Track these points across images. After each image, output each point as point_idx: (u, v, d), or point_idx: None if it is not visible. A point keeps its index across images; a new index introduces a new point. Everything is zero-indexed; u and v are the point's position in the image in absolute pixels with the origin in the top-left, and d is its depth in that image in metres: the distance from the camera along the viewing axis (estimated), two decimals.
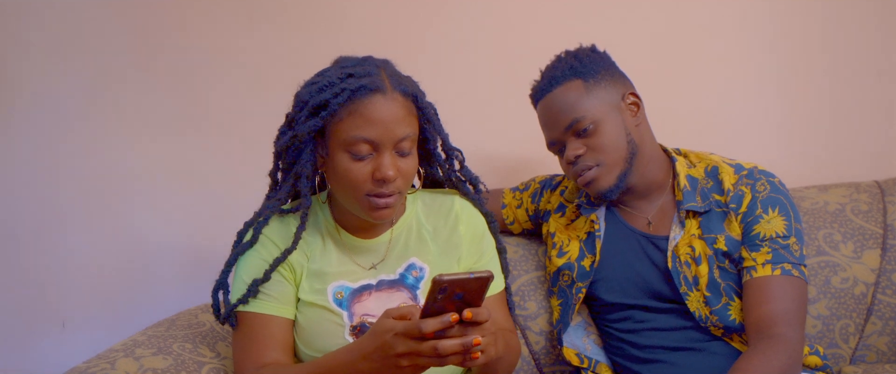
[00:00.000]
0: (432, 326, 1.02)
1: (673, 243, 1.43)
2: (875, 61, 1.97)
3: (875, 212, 1.72)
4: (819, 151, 1.97)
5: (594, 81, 1.44)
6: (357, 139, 1.19)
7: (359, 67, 1.22)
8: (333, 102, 1.19)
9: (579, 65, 1.45)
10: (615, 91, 1.45)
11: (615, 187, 1.44)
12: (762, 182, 1.42)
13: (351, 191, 1.22)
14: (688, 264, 1.42)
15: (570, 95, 1.43)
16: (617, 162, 1.43)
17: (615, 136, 1.43)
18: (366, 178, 1.20)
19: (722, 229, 1.41)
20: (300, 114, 1.23)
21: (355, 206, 1.25)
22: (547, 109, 1.47)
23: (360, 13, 1.87)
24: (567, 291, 1.54)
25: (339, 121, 1.20)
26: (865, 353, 1.65)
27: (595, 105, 1.42)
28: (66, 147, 1.81)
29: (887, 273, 1.65)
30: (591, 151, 1.43)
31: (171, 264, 1.83)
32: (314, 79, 1.25)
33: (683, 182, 1.46)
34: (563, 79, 1.45)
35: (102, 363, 1.26)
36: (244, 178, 1.47)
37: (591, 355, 1.53)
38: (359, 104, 1.19)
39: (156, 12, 1.82)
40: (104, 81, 1.82)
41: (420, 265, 1.32)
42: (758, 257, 1.37)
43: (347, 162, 1.20)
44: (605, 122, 1.42)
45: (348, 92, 1.18)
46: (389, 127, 1.19)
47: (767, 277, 1.35)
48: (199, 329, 1.45)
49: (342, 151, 1.20)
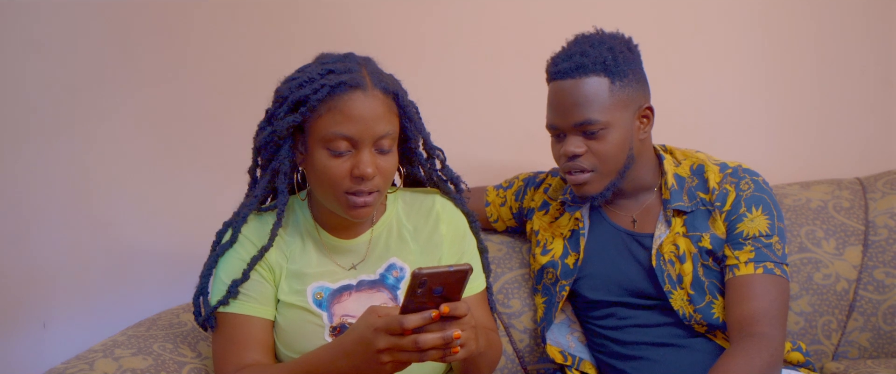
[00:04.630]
0: (413, 322, 1.02)
1: (658, 242, 1.43)
2: (858, 59, 1.98)
3: (857, 209, 1.72)
4: (802, 149, 1.98)
5: (621, 84, 1.38)
6: (336, 135, 1.18)
7: (339, 64, 1.22)
8: (313, 98, 1.18)
9: (612, 61, 1.38)
10: (635, 101, 1.41)
11: (601, 194, 1.44)
12: (746, 180, 1.42)
13: (329, 188, 1.22)
14: (672, 263, 1.42)
15: (592, 91, 1.37)
16: (611, 173, 1.42)
17: (618, 146, 1.40)
18: (344, 175, 1.20)
19: (707, 228, 1.42)
20: (279, 109, 1.22)
21: (334, 204, 1.24)
22: (563, 94, 1.39)
23: (345, 11, 1.86)
24: (551, 288, 1.54)
25: (318, 117, 1.19)
26: (848, 349, 1.66)
27: (611, 111, 1.38)
28: (46, 146, 1.79)
29: (869, 270, 1.66)
30: (590, 153, 1.40)
31: (152, 265, 1.82)
32: (294, 75, 1.25)
33: (671, 181, 1.46)
34: (591, 70, 1.37)
35: (81, 363, 1.25)
36: (226, 177, 1.46)
37: (575, 352, 1.53)
38: (338, 100, 1.18)
39: (137, 11, 1.80)
40: (85, 80, 1.80)
41: (400, 265, 1.32)
42: (741, 256, 1.37)
43: (326, 159, 1.20)
44: (615, 130, 1.39)
45: (328, 88, 1.18)
46: (369, 124, 1.18)
47: (750, 275, 1.36)
48: (180, 329, 1.44)
49: (321, 147, 1.20)
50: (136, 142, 1.81)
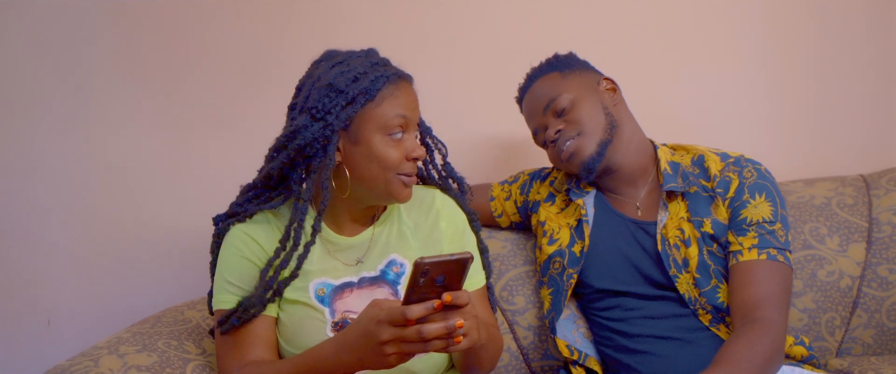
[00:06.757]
0: (417, 312, 1.02)
1: (660, 226, 1.45)
2: (861, 55, 1.97)
3: (860, 205, 1.72)
4: (805, 146, 1.97)
5: (569, 71, 1.54)
6: (397, 118, 1.23)
7: (378, 58, 1.28)
8: (373, 89, 1.22)
9: (556, 61, 1.57)
10: (591, 78, 1.54)
11: (597, 155, 1.47)
12: (749, 169, 1.45)
13: (385, 173, 1.24)
14: (677, 247, 1.43)
15: (546, 83, 1.54)
16: (596, 130, 1.48)
17: (592, 110, 1.49)
18: (400, 158, 1.24)
19: (708, 213, 1.43)
20: (333, 102, 1.21)
21: (385, 188, 1.25)
22: (528, 102, 1.57)
23: (350, 9, 1.86)
24: (558, 278, 1.54)
25: (376, 105, 1.23)
26: (851, 346, 1.66)
27: (571, 86, 1.51)
28: (50, 144, 1.80)
29: (872, 266, 1.66)
30: (570, 124, 1.49)
31: (156, 262, 1.82)
32: (343, 69, 1.24)
33: (664, 166, 1.49)
34: (541, 73, 1.56)
35: (86, 360, 1.26)
36: (231, 175, 1.46)
37: (581, 348, 1.54)
38: (395, 88, 1.24)
39: (145, 11, 1.81)
40: (90, 78, 1.81)
41: (401, 261, 1.32)
42: (744, 242, 1.39)
43: (385, 144, 1.23)
44: (582, 100, 1.49)
45: (384, 78, 1.23)
46: (415, 110, 1.28)
47: (753, 261, 1.37)
48: (184, 326, 1.44)
49: (379, 134, 1.23)
50: (141, 140, 1.82)
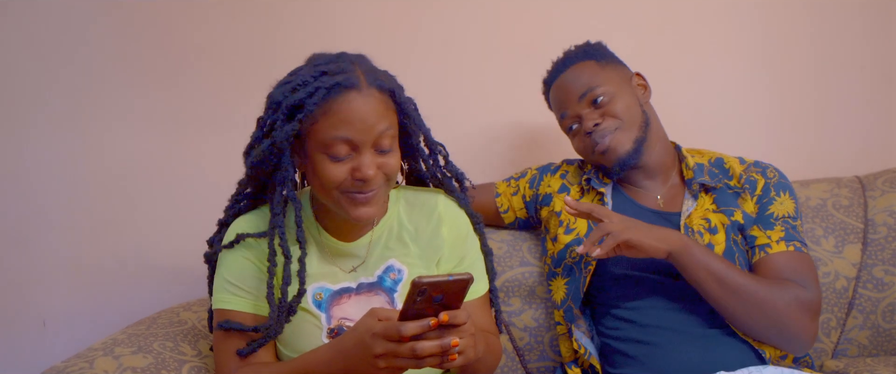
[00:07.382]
0: (412, 329, 1.01)
1: (686, 215, 1.46)
2: (858, 56, 1.98)
3: (856, 207, 1.72)
4: (801, 147, 1.98)
5: (606, 61, 1.54)
6: (335, 140, 1.14)
7: (332, 64, 1.17)
8: (309, 103, 1.13)
9: (591, 49, 1.56)
10: (625, 72, 1.56)
11: (633, 151, 1.49)
12: (771, 169, 1.52)
13: (331, 192, 1.19)
14: (701, 234, 1.44)
15: (584, 70, 1.53)
16: (633, 125, 1.50)
17: (630, 104, 1.50)
18: (345, 177, 1.17)
19: (737, 205, 1.48)
20: (275, 116, 1.17)
21: (337, 207, 1.21)
22: (561, 87, 1.55)
23: (344, 10, 1.86)
24: (575, 267, 1.52)
25: (314, 122, 1.15)
26: (847, 347, 1.66)
27: (609, 79, 1.51)
28: (45, 145, 1.79)
29: (868, 268, 1.66)
30: (608, 118, 1.49)
31: (152, 263, 1.82)
32: (287, 79, 1.20)
33: (691, 163, 1.53)
34: (576, 60, 1.55)
35: (81, 362, 1.26)
36: (226, 177, 1.46)
37: (584, 344, 1.52)
38: (334, 103, 1.14)
39: (142, 11, 1.80)
40: (87, 80, 1.80)
41: (399, 267, 1.30)
42: (772, 235, 1.43)
43: (326, 164, 1.16)
44: (620, 94, 1.50)
45: (323, 90, 1.13)
46: (367, 125, 1.15)
47: (783, 252, 1.42)
48: (180, 327, 1.44)
49: (320, 153, 1.16)
50: (137, 142, 1.82)
